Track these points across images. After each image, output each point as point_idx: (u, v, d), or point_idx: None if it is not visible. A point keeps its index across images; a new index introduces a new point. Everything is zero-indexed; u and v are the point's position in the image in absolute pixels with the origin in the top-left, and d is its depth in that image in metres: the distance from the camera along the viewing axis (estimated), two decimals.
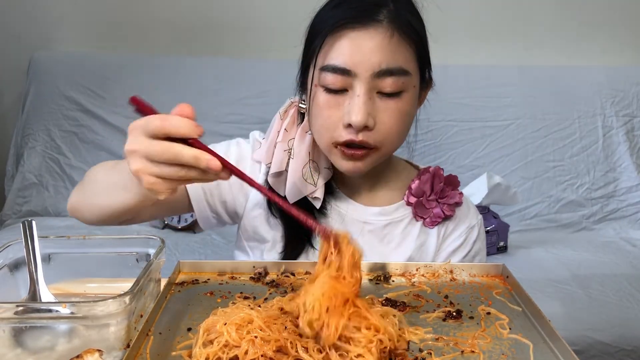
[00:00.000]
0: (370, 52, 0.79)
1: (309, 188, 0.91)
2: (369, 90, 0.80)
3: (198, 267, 0.76)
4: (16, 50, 2.33)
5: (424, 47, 0.85)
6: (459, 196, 0.96)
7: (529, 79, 2.32)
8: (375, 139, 0.82)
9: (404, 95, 0.82)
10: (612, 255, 1.96)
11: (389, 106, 0.82)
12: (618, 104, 2.31)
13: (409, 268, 0.77)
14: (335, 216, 0.94)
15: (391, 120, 0.82)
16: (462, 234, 0.96)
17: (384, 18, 0.80)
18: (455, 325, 0.63)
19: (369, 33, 0.80)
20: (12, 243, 0.70)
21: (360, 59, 0.79)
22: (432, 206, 0.95)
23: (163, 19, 2.33)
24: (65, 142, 2.19)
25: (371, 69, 0.79)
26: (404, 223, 0.95)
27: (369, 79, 0.79)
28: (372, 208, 0.95)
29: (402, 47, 0.81)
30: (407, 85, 0.82)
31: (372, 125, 0.81)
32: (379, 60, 0.79)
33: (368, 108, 0.80)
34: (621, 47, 2.45)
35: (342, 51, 0.80)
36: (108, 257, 0.74)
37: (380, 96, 0.81)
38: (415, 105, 0.87)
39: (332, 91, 0.82)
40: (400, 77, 0.80)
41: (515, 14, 2.38)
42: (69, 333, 0.57)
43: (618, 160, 2.28)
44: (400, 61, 0.80)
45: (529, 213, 2.22)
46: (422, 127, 2.26)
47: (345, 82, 0.80)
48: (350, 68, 0.79)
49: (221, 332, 0.54)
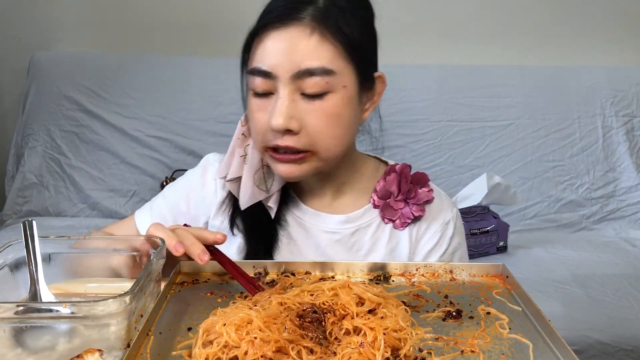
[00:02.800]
0: (289, 52, 0.76)
1: (262, 194, 0.89)
2: (291, 92, 0.77)
3: (198, 267, 0.76)
4: (16, 50, 2.34)
5: (358, 45, 0.80)
6: (429, 193, 0.92)
7: (529, 79, 2.32)
8: (303, 143, 0.79)
9: (330, 96, 0.78)
10: (612, 255, 1.96)
11: (314, 108, 0.78)
12: (618, 104, 2.31)
13: (409, 268, 0.77)
14: (298, 229, 0.91)
15: (318, 123, 0.79)
16: (437, 232, 0.92)
17: (307, 16, 0.77)
18: (455, 325, 0.63)
19: (289, 32, 0.77)
20: (12, 243, 0.70)
21: (280, 60, 0.77)
22: (401, 207, 0.91)
23: (163, 19, 2.33)
24: (66, 142, 2.19)
25: (291, 70, 0.76)
26: (373, 228, 0.91)
27: (290, 80, 0.77)
28: (338, 216, 0.91)
29: (325, 45, 0.77)
30: (332, 85, 0.78)
31: (296, 128, 0.78)
32: (299, 60, 0.76)
33: (290, 111, 0.77)
34: (621, 47, 2.45)
35: (264, 53, 0.78)
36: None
37: (304, 98, 0.78)
38: (350, 105, 0.81)
39: (259, 95, 0.80)
40: (323, 77, 0.77)
41: (516, 14, 2.38)
42: (69, 333, 0.57)
43: (618, 160, 2.28)
44: (322, 60, 0.77)
45: (529, 213, 2.22)
46: (422, 127, 2.28)
47: (269, 85, 0.78)
48: (271, 70, 0.77)
49: (220, 332, 0.54)
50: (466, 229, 1.91)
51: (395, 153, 2.20)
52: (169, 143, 2.18)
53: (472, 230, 1.93)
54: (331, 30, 0.77)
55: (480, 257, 1.96)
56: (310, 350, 0.54)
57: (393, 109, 2.20)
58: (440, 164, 2.23)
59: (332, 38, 0.77)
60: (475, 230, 1.93)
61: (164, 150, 2.18)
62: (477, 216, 1.97)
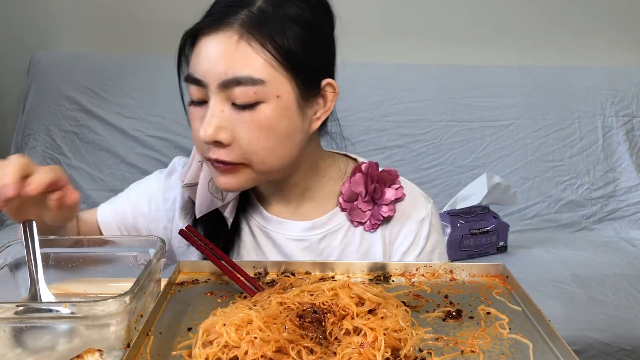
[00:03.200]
0: (216, 59, 0.72)
1: (217, 202, 0.86)
2: (220, 102, 0.73)
3: (198, 267, 0.76)
4: (16, 50, 2.34)
5: (296, 53, 0.74)
6: (398, 191, 0.87)
7: (529, 79, 2.33)
8: (235, 156, 0.75)
9: (262, 106, 0.73)
10: (612, 255, 1.96)
11: (244, 119, 0.73)
12: (618, 104, 2.31)
13: (409, 268, 0.77)
14: (263, 237, 0.88)
15: (249, 135, 0.74)
16: (411, 232, 0.88)
17: (237, 20, 0.72)
18: (455, 325, 0.63)
19: (217, 38, 0.73)
20: (12, 243, 0.70)
21: (208, 67, 0.73)
22: (369, 208, 0.86)
23: (163, 19, 2.33)
24: (66, 142, 2.19)
25: (218, 78, 0.72)
26: (342, 232, 0.87)
27: (218, 90, 0.73)
28: (303, 222, 0.87)
29: (253, 53, 0.72)
30: (263, 95, 0.73)
31: (226, 140, 0.74)
32: (225, 68, 0.72)
33: (220, 122, 0.73)
34: (621, 47, 2.45)
35: (197, 59, 0.74)
36: (108, 257, 0.74)
37: (235, 108, 0.73)
38: (285, 116, 0.75)
39: (195, 103, 0.76)
40: (252, 87, 0.72)
41: (516, 14, 2.38)
42: (69, 333, 0.57)
43: (618, 160, 2.28)
44: (250, 69, 0.72)
45: (529, 213, 2.22)
46: (422, 127, 2.28)
47: (202, 94, 0.74)
48: (201, 78, 0.73)
49: (220, 332, 0.54)
50: (466, 229, 1.92)
51: (395, 153, 2.20)
52: (169, 143, 2.18)
53: (472, 230, 1.93)
54: (261, 37, 0.72)
55: (480, 257, 1.96)
56: (310, 350, 0.54)
57: (393, 109, 2.21)
58: (440, 164, 2.23)
59: (261, 46, 0.72)
60: (475, 230, 1.94)
61: (164, 150, 2.18)
62: (477, 216, 1.97)
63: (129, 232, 0.92)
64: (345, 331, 0.57)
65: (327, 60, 0.81)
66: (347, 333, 0.57)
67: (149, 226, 0.93)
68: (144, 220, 0.93)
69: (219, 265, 0.73)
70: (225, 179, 0.78)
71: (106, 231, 0.92)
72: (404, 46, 2.35)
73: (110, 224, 0.92)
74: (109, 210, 0.93)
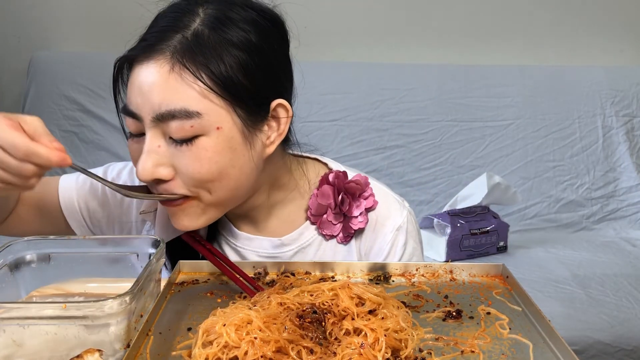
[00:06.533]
0: (149, 91, 0.67)
1: (177, 231, 0.80)
2: (156, 137, 0.68)
3: (198, 267, 0.76)
4: (16, 50, 2.33)
5: (236, 81, 0.68)
6: (369, 200, 0.82)
7: (529, 79, 2.33)
8: (179, 187, 0.70)
9: (201, 140, 0.67)
10: (612, 255, 1.97)
11: (184, 154, 0.68)
12: (618, 104, 2.31)
13: (409, 268, 0.77)
14: (232, 254, 0.84)
15: (189, 170, 0.68)
16: (387, 242, 0.83)
17: (169, 47, 0.67)
18: (455, 325, 0.63)
19: (150, 67, 0.67)
20: (12, 243, 0.70)
21: (142, 100, 0.67)
22: (340, 220, 0.82)
23: None
24: (66, 142, 2.19)
25: (152, 112, 0.67)
26: (314, 247, 0.83)
27: (153, 123, 0.67)
28: (272, 239, 0.83)
29: (186, 84, 0.66)
30: (200, 128, 0.67)
31: (167, 176, 0.69)
32: (158, 100, 0.66)
33: (157, 158, 0.68)
34: (621, 47, 2.45)
35: (131, 90, 0.69)
36: (108, 257, 0.74)
37: (173, 142, 0.68)
38: (229, 147, 0.69)
39: (134, 136, 0.72)
40: (187, 121, 0.66)
41: (516, 13, 2.38)
42: (69, 333, 0.57)
43: (618, 160, 2.28)
44: (184, 101, 0.66)
45: (529, 213, 2.23)
46: (422, 127, 2.29)
47: (139, 127, 0.69)
48: (135, 111, 0.68)
49: (220, 333, 0.54)
50: (466, 229, 1.92)
51: (395, 153, 2.20)
52: None
53: (472, 230, 1.93)
54: (194, 66, 0.66)
55: (480, 257, 1.96)
56: (310, 350, 0.54)
57: (393, 109, 2.21)
58: (440, 164, 2.23)
59: (194, 76, 0.67)
60: (475, 230, 1.94)
61: None
62: (477, 216, 1.97)
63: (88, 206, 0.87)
64: (346, 331, 0.57)
65: (276, 83, 0.75)
66: (347, 333, 0.57)
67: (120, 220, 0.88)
68: (101, 211, 0.87)
69: (219, 265, 0.73)
70: (177, 219, 0.73)
71: (64, 199, 0.86)
72: (404, 46, 2.35)
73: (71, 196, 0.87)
74: (72, 185, 0.88)
